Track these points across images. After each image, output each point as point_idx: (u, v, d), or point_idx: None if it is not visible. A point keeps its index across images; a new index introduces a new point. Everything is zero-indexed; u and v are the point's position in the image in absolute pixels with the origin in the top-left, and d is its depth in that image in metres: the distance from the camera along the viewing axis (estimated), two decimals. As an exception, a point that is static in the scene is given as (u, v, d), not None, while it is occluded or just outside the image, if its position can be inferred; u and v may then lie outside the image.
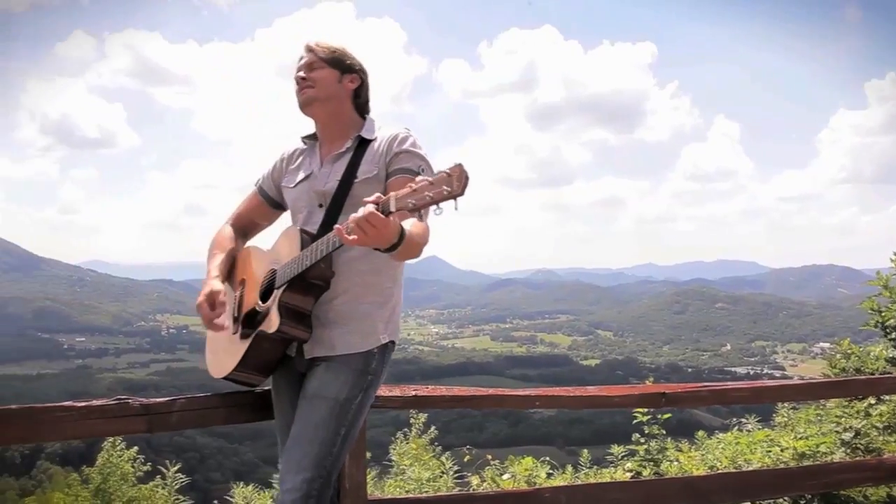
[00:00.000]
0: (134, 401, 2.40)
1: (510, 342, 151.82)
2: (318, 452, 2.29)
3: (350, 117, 2.57)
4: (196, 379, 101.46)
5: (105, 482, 6.06)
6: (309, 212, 2.51)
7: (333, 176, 2.47)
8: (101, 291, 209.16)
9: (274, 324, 2.31)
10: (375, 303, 2.44)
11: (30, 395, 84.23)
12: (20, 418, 2.23)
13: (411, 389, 2.96)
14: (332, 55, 2.55)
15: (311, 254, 2.24)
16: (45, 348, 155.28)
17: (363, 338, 2.40)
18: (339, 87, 2.54)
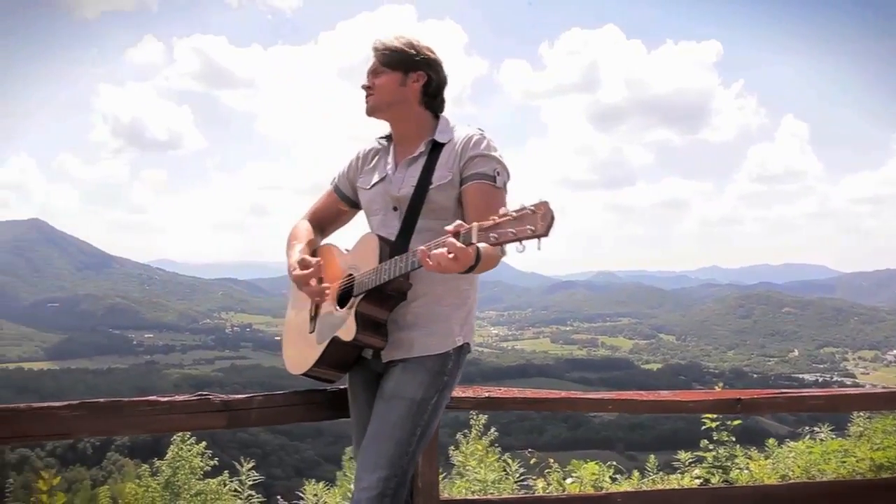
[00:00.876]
0: (215, 397, 2.45)
1: (570, 345, 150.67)
2: (394, 452, 2.30)
3: (420, 118, 2.52)
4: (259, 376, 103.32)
5: (174, 475, 6.20)
6: (384, 215, 2.51)
7: (408, 181, 2.45)
8: (169, 289, 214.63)
9: (351, 333, 2.33)
10: (452, 305, 2.44)
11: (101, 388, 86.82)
12: (108, 411, 2.30)
13: (484, 391, 2.96)
14: (394, 56, 2.48)
15: (390, 269, 2.25)
16: (116, 344, 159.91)
17: (440, 340, 2.41)
18: (403, 91, 2.48)
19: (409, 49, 2.48)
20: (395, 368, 2.40)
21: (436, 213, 2.40)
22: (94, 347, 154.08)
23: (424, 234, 2.38)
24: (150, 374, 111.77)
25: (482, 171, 2.37)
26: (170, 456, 6.27)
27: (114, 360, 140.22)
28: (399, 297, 2.37)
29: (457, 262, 1.99)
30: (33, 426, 2.20)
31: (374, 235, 2.41)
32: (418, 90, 2.49)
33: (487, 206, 2.29)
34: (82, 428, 2.29)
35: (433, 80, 2.50)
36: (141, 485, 6.17)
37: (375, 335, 2.36)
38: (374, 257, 2.34)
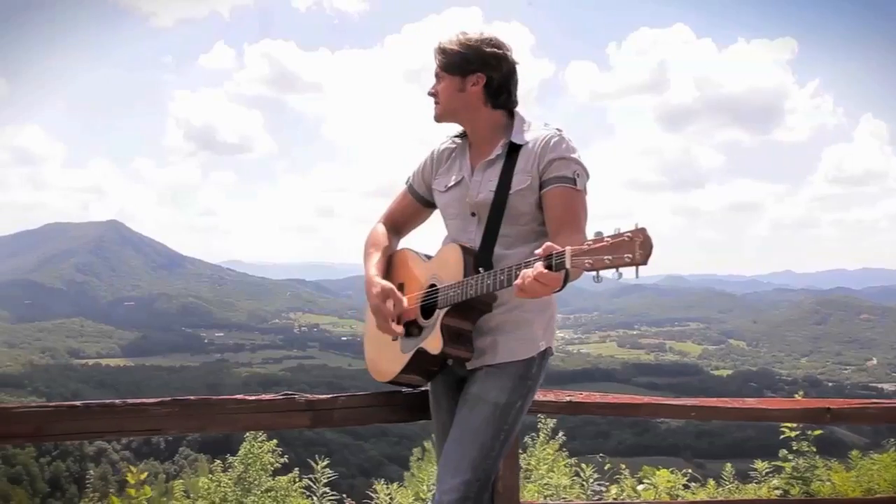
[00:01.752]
0: (300, 397, 2.48)
1: (637, 349, 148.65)
2: (477, 455, 2.29)
3: (491, 119, 2.45)
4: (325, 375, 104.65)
5: (246, 472, 6.31)
6: (462, 220, 2.48)
7: (486, 185, 2.41)
8: (239, 290, 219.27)
9: (437, 346, 2.32)
10: (535, 310, 2.41)
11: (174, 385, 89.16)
12: (198, 408, 2.35)
13: (565, 395, 2.92)
14: (451, 59, 2.41)
15: (476, 285, 2.23)
16: (188, 342, 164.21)
17: (524, 345, 2.39)
18: (464, 96, 2.41)
19: (465, 50, 2.39)
20: (479, 373, 2.39)
21: (516, 219, 2.38)
22: (167, 345, 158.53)
23: (505, 241, 2.36)
24: (220, 371, 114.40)
25: (562, 174, 2.31)
26: (242, 452, 6.38)
27: (186, 357, 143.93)
28: (484, 309, 2.35)
29: (545, 287, 1.98)
30: (128, 421, 2.26)
31: (458, 246, 2.38)
32: (479, 92, 2.41)
33: (569, 210, 2.28)
34: (173, 424, 2.35)
35: (494, 78, 2.41)
36: (213, 480, 6.29)
37: (462, 347, 2.35)
38: (458, 269, 2.32)
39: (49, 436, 2.23)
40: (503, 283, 2.13)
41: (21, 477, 56.62)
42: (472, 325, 2.36)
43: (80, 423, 2.23)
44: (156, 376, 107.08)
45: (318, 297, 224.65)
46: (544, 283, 1.96)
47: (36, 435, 2.20)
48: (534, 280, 1.96)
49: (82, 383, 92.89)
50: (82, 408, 2.21)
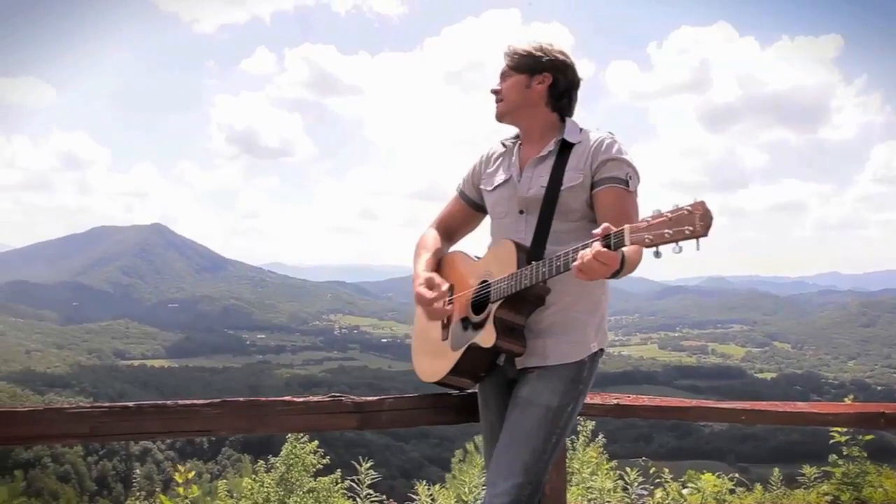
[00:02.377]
0: (347, 398, 2.49)
1: (679, 351, 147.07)
2: (529, 459, 2.28)
3: (547, 120, 2.49)
4: (365, 377, 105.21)
5: (288, 472, 6.36)
6: (510, 218, 2.48)
7: (536, 182, 2.42)
8: (280, 292, 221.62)
9: (490, 339, 2.30)
10: (587, 311, 2.40)
11: (216, 386, 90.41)
12: (248, 410, 2.37)
13: (612, 398, 2.90)
14: (521, 59, 2.47)
15: (531, 274, 2.22)
16: (230, 343, 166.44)
17: (576, 347, 2.37)
18: (529, 93, 2.46)
19: (537, 52, 2.47)
20: (530, 375, 2.37)
21: (566, 216, 2.37)
22: (210, 346, 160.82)
23: (556, 237, 2.35)
24: (262, 373, 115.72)
25: (615, 174, 2.33)
26: (284, 453, 6.44)
27: (228, 359, 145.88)
28: (537, 303, 2.34)
29: (604, 267, 1.96)
30: (179, 422, 2.29)
31: (510, 241, 2.37)
32: (543, 91, 2.46)
33: (621, 210, 2.27)
34: (224, 425, 2.37)
35: (559, 81, 2.47)
36: (256, 480, 6.36)
37: (514, 341, 2.33)
38: (511, 263, 2.31)
39: (103, 436, 2.26)
40: (559, 268, 2.12)
41: (69, 475, 57.84)
42: (524, 320, 2.35)
43: (132, 424, 2.26)
44: (198, 377, 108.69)
45: (358, 299, 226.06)
46: (603, 262, 1.95)
47: (91, 435, 2.23)
48: (592, 258, 1.95)
49: (127, 384, 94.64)
50: (135, 409, 2.24)
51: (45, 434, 2.22)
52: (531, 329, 2.37)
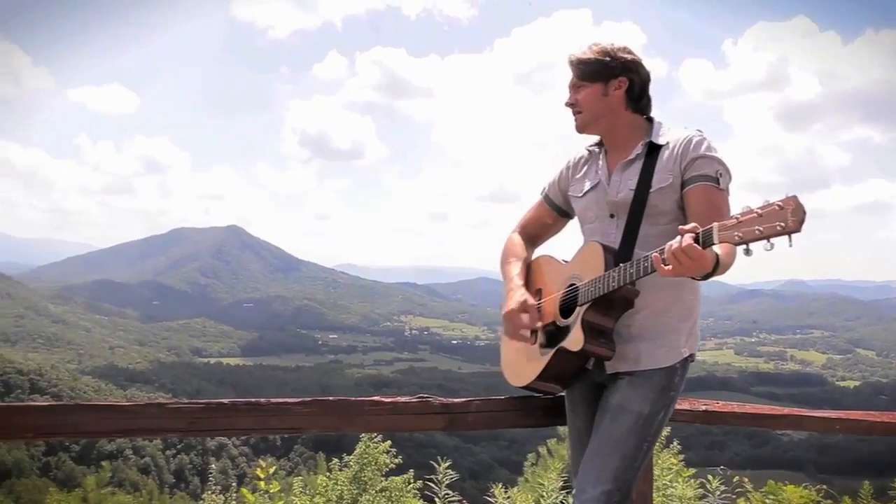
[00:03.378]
0: (434, 399, 2.50)
1: (756, 357, 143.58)
2: (619, 465, 2.25)
3: (630, 124, 2.44)
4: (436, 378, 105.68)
5: (361, 471, 6.43)
6: (600, 223, 2.45)
7: (625, 185, 2.38)
8: (352, 292, 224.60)
9: (578, 342, 2.28)
10: (678, 316, 2.36)
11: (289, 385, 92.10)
12: (337, 409, 2.40)
13: (701, 404, 2.83)
14: (590, 67, 2.41)
15: (618, 275, 2.19)
16: (303, 343, 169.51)
17: (667, 353, 2.33)
18: (607, 101, 2.41)
19: (604, 57, 2.41)
20: (620, 381, 2.34)
21: (656, 218, 2.33)
22: (283, 346, 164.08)
23: (646, 240, 2.31)
24: (333, 372, 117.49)
25: (705, 172, 2.27)
26: (357, 452, 6.51)
27: (301, 358, 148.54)
28: (626, 305, 2.30)
29: (695, 265, 1.93)
30: (272, 419, 2.34)
31: (598, 244, 2.35)
32: (622, 97, 2.41)
33: (712, 208, 2.22)
34: (314, 424, 2.40)
35: (635, 82, 2.42)
36: (331, 478, 6.44)
37: (603, 344, 2.30)
38: (598, 266, 2.29)
39: (199, 431, 2.31)
40: (647, 269, 2.09)
41: (149, 468, 59.78)
42: (613, 323, 2.32)
43: (227, 420, 2.31)
44: (272, 376, 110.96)
45: (428, 300, 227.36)
46: (692, 257, 1.90)
47: (188, 430, 2.30)
48: (681, 250, 1.91)
49: (204, 380, 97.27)
50: (230, 405, 2.29)
51: (148, 427, 2.29)
52: (622, 334, 2.34)
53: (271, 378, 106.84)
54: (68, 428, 2.25)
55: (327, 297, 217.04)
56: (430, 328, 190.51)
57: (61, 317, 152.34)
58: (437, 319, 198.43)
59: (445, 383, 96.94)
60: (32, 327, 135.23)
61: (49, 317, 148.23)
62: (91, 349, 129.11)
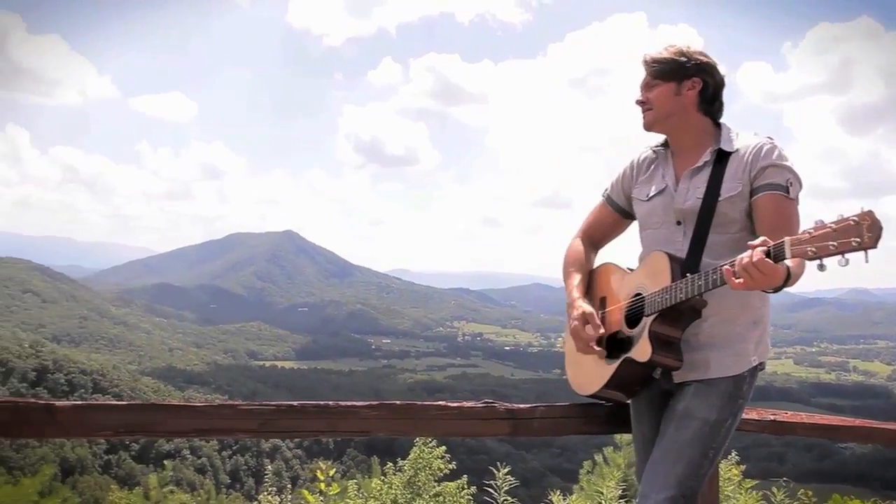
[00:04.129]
0: (500, 405, 2.51)
1: (817, 367, 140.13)
2: (684, 472, 2.23)
3: (700, 126, 2.40)
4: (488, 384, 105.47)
5: (416, 476, 6.45)
6: (666, 229, 2.42)
7: (693, 193, 2.35)
8: (405, 298, 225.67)
9: (645, 353, 2.27)
10: (747, 324, 2.32)
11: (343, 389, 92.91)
12: (404, 413, 2.43)
13: (769, 413, 2.78)
14: (665, 66, 2.39)
15: (686, 287, 2.17)
16: (357, 347, 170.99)
17: (736, 361, 2.30)
18: (679, 100, 2.38)
19: (680, 57, 2.38)
20: (687, 388, 2.32)
21: (724, 227, 2.30)
22: (336, 350, 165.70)
23: (713, 250, 2.29)
24: (386, 377, 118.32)
25: (775, 181, 2.24)
26: (412, 457, 6.54)
27: (354, 362, 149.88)
28: (693, 316, 2.28)
29: (767, 279, 1.91)
30: (340, 422, 2.38)
31: (664, 253, 2.33)
32: (694, 97, 2.38)
33: (781, 218, 2.19)
34: (380, 427, 2.43)
35: (709, 84, 2.38)
36: (385, 482, 6.48)
37: (670, 355, 2.28)
38: (665, 276, 2.26)
39: (269, 432, 2.36)
40: (716, 282, 2.07)
41: (206, 468, 60.84)
42: (680, 333, 2.29)
43: (297, 422, 2.36)
44: (326, 379, 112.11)
45: (481, 306, 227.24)
46: (763, 272, 1.88)
47: (259, 431, 2.34)
48: (752, 264, 1.88)
49: (260, 383, 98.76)
50: (299, 408, 2.34)
51: (221, 427, 2.35)
52: (689, 342, 2.32)
53: (325, 382, 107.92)
54: (145, 427, 2.32)
55: (381, 302, 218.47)
56: (482, 334, 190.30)
57: (122, 319, 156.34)
58: (490, 325, 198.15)
59: (498, 389, 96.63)
60: (95, 329, 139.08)
61: (111, 319, 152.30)
62: (151, 351, 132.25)
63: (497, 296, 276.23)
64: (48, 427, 2.24)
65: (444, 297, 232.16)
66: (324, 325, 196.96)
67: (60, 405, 2.22)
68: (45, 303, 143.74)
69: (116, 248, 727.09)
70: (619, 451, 8.28)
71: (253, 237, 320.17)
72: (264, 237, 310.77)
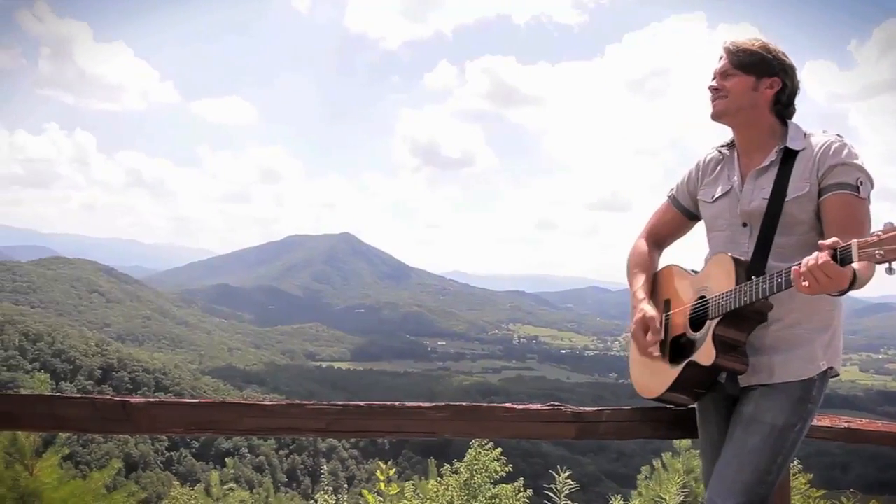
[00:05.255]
0: (566, 408, 2.49)
1: (883, 375, 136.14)
2: (752, 479, 2.18)
3: (769, 125, 2.33)
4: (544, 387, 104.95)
5: (472, 478, 6.45)
6: (731, 231, 2.37)
7: (759, 193, 2.30)
8: (461, 300, 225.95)
9: (710, 357, 2.23)
10: (814, 327, 2.27)
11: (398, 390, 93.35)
12: (469, 414, 2.44)
13: (843, 421, 2.70)
14: (748, 58, 2.30)
15: (751, 290, 2.12)
16: (412, 349, 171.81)
17: (804, 365, 2.24)
18: (755, 96, 2.30)
19: (766, 53, 2.31)
20: (753, 393, 2.27)
21: (792, 228, 2.25)
22: (392, 351, 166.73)
23: (780, 252, 2.24)
24: (441, 379, 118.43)
25: (844, 180, 2.18)
26: (468, 459, 6.55)
27: (409, 364, 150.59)
28: (759, 319, 2.23)
29: (829, 281, 1.86)
30: (407, 423, 2.39)
31: (728, 256, 2.28)
32: (771, 97, 2.32)
33: (851, 219, 2.14)
34: (446, 428, 2.43)
35: (787, 87, 2.32)
36: (442, 483, 6.49)
37: (735, 359, 2.24)
38: (729, 279, 2.22)
39: (337, 432, 2.38)
40: (780, 285, 2.02)
41: (263, 466, 61.78)
42: (745, 337, 2.25)
43: (363, 422, 2.38)
44: (381, 381, 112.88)
45: (537, 308, 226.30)
46: (828, 275, 1.84)
47: (326, 430, 2.37)
48: (818, 267, 1.84)
49: (317, 384, 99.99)
50: (366, 408, 2.36)
51: (289, 426, 2.38)
52: (754, 345, 2.27)
53: (380, 383, 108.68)
54: (215, 424, 2.36)
55: (436, 305, 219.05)
56: (538, 337, 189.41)
57: (184, 319, 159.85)
58: (546, 328, 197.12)
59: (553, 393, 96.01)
60: (158, 328, 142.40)
61: (173, 319, 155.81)
62: (210, 350, 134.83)
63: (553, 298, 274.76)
64: (123, 423, 2.29)
65: (499, 299, 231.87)
66: (380, 326, 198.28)
67: (135, 402, 2.28)
68: (110, 303, 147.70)
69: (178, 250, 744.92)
70: (679, 456, 8.16)
71: (310, 239, 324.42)
72: (321, 239, 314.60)
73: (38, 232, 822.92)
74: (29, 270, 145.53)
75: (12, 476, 3.65)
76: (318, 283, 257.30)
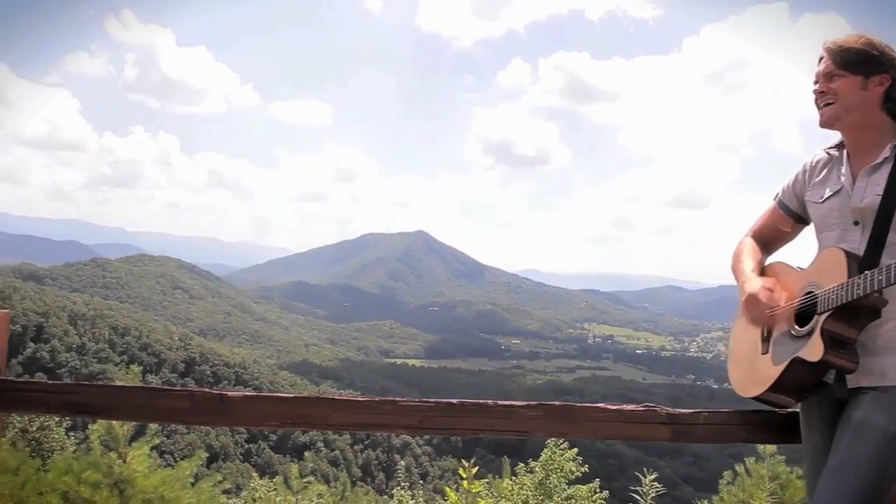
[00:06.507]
0: (660, 409, 2.44)
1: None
2: (861, 488, 2.06)
3: (880, 125, 2.23)
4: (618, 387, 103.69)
5: (547, 478, 6.40)
6: (842, 230, 2.27)
7: (871, 190, 2.20)
8: (535, 298, 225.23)
9: (817, 352, 2.13)
10: None
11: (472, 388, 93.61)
12: (562, 414, 2.42)
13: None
14: (853, 57, 2.20)
15: (864, 282, 2.02)
16: (486, 347, 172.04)
17: None
18: (864, 95, 2.20)
19: (872, 50, 2.21)
20: (863, 396, 2.15)
21: None
22: (465, 349, 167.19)
23: (892, 250, 2.13)
24: (515, 377, 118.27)
25: None
26: (544, 458, 6.50)
27: (483, 362, 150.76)
28: (872, 315, 2.11)
29: None
30: (498, 421, 2.38)
31: (840, 250, 2.19)
32: (881, 94, 2.21)
33: None
34: (539, 427, 2.42)
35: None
36: (517, 482, 6.45)
37: (845, 356, 2.13)
38: (841, 273, 2.13)
39: (428, 429, 2.40)
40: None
41: (339, 461, 62.77)
42: (856, 334, 2.14)
43: (454, 420, 2.39)
44: (454, 378, 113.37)
45: (612, 307, 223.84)
46: None
47: (418, 427, 2.39)
48: None
49: (391, 380, 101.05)
50: (459, 405, 2.37)
51: (382, 423, 2.40)
52: (865, 346, 2.16)
53: (453, 380, 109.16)
54: (310, 419, 2.40)
55: (510, 303, 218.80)
56: (613, 336, 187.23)
57: (262, 315, 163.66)
58: (622, 328, 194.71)
59: (628, 393, 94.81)
60: (238, 324, 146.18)
61: (252, 315, 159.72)
62: (288, 346, 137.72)
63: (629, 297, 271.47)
64: (221, 416, 2.36)
65: (574, 298, 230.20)
66: (454, 324, 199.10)
67: (233, 395, 2.34)
68: (193, 298, 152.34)
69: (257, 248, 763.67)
70: (763, 461, 7.89)
71: (385, 238, 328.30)
72: (396, 238, 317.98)
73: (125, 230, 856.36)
74: (117, 267, 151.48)
75: (107, 463, 3.78)
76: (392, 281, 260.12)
